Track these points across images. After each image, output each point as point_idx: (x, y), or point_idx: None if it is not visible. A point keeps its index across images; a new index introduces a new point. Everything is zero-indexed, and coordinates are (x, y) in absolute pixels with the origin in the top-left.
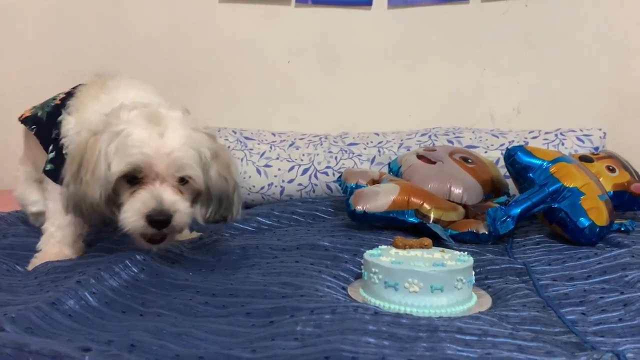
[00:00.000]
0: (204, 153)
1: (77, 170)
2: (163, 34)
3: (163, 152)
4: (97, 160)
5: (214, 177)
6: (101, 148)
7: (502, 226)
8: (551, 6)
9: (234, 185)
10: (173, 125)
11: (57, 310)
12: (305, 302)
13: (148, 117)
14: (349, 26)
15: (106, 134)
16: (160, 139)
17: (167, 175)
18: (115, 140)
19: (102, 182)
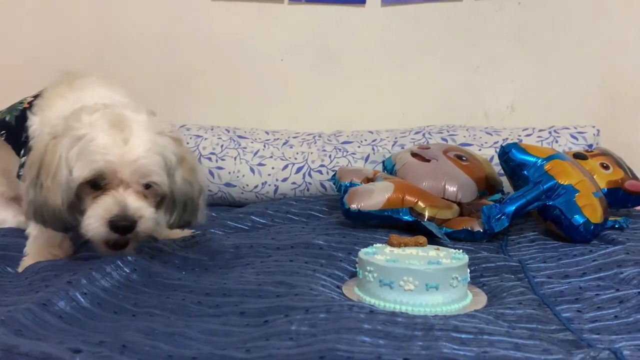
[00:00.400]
0: (170, 158)
1: (37, 175)
2: (156, 32)
3: (128, 159)
4: (58, 165)
5: (179, 182)
6: (62, 153)
7: (497, 224)
8: (544, 4)
9: (199, 189)
10: (138, 130)
11: (48, 312)
12: (300, 301)
13: (111, 121)
14: (342, 24)
15: (67, 139)
16: (125, 145)
17: (132, 182)
18: (77, 145)
19: (64, 188)
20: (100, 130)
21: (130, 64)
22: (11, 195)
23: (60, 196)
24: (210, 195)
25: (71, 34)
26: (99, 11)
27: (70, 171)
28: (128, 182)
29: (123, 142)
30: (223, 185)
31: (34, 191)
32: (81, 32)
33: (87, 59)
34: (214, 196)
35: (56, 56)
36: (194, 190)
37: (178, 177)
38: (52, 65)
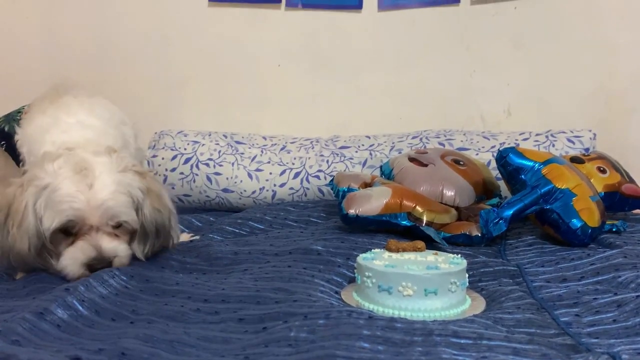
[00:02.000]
0: (136, 194)
1: (4, 222)
2: (152, 37)
3: (94, 205)
4: (24, 214)
5: (148, 213)
6: (28, 202)
7: (495, 228)
8: (540, 8)
9: (169, 213)
10: (101, 173)
11: (45, 320)
12: (299, 307)
13: (74, 168)
14: (339, 29)
15: (32, 188)
16: (90, 190)
17: (102, 225)
18: (43, 195)
19: (31, 235)
20: (64, 178)
21: (126, 68)
22: None
23: (27, 243)
24: (208, 201)
25: (68, 39)
26: (95, 16)
27: (40, 220)
28: (98, 225)
29: (88, 187)
30: (221, 191)
31: (1, 236)
32: (78, 38)
33: (83, 64)
34: (211, 202)
35: (53, 61)
36: (163, 216)
37: (147, 209)
38: (50, 70)
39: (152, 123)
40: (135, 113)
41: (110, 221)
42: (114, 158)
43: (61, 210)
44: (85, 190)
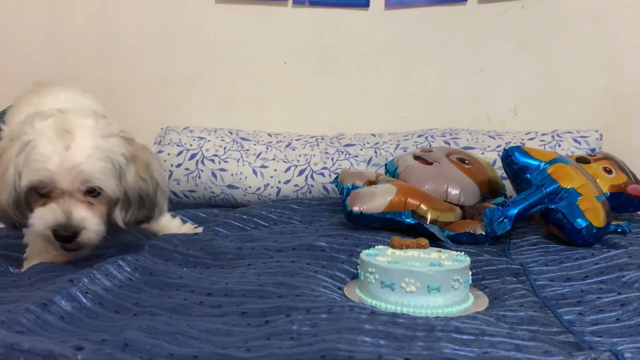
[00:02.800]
0: (117, 160)
1: None
2: (158, 34)
3: (66, 167)
4: (7, 167)
5: (132, 181)
6: (12, 155)
7: (500, 227)
8: (547, 8)
9: (155, 184)
10: (81, 136)
11: (49, 312)
12: (301, 302)
13: (57, 128)
14: (345, 27)
15: (18, 143)
16: (65, 153)
17: (73, 189)
18: (24, 151)
19: (10, 189)
20: (44, 137)
21: (133, 65)
22: None
23: (6, 196)
24: (213, 197)
25: (74, 36)
26: (102, 13)
27: (19, 175)
28: (70, 190)
29: (64, 149)
30: (226, 187)
31: None
32: (85, 35)
33: (90, 61)
34: (216, 198)
35: (59, 58)
36: (149, 186)
37: (130, 176)
38: (56, 67)
39: (159, 119)
40: (142, 109)
41: (82, 186)
42: (100, 122)
43: (34, 169)
44: (61, 151)
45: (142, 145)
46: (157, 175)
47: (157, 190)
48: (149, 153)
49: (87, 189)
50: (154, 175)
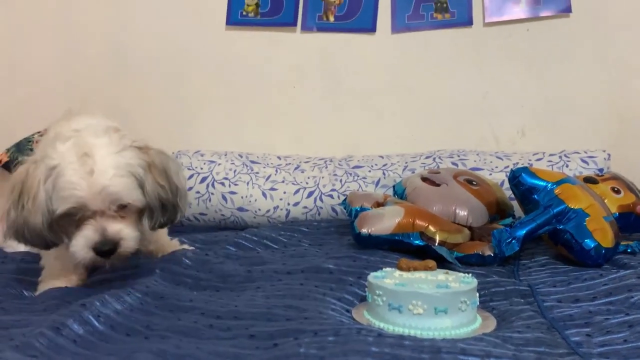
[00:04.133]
0: (137, 172)
1: (18, 198)
2: (170, 58)
3: (94, 192)
4: (37, 190)
5: (151, 190)
6: (40, 180)
7: (508, 248)
8: (552, 30)
9: (175, 188)
10: (101, 157)
11: (62, 336)
12: (309, 325)
13: (78, 152)
14: (353, 51)
15: (43, 166)
16: (91, 177)
17: (104, 209)
18: (51, 177)
19: (43, 211)
20: (68, 162)
21: (145, 89)
22: None
23: (40, 218)
24: (223, 220)
25: (87, 60)
26: (114, 37)
27: (50, 199)
28: (102, 210)
29: (89, 174)
30: (236, 209)
31: (15, 212)
32: (96, 58)
33: (102, 85)
34: (226, 220)
35: (71, 82)
36: (167, 191)
37: (149, 185)
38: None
39: (170, 143)
40: (154, 133)
41: (112, 205)
42: (113, 138)
43: (65, 197)
44: (86, 177)
45: (157, 150)
46: (175, 178)
47: (177, 193)
48: (166, 157)
49: (117, 206)
50: (172, 179)
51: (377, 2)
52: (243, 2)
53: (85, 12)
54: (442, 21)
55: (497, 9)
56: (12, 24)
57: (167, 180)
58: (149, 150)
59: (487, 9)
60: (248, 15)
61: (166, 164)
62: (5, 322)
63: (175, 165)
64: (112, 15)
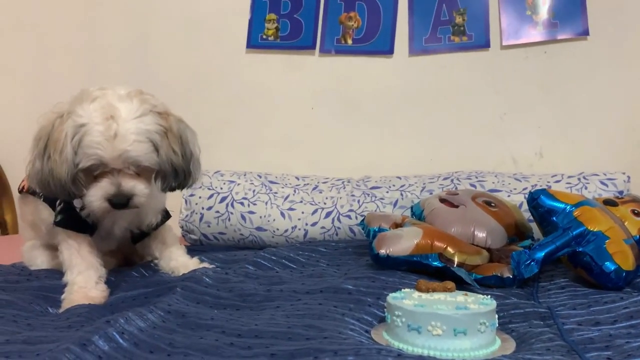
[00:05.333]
0: (154, 138)
1: (44, 149)
2: (191, 80)
3: (116, 154)
4: (64, 144)
5: (165, 155)
6: (67, 133)
7: (527, 270)
8: (569, 52)
9: (189, 155)
10: (124, 120)
11: (87, 352)
12: (329, 344)
13: (104, 113)
14: (371, 74)
15: (70, 122)
16: (114, 140)
17: (123, 168)
18: (79, 134)
19: (69, 164)
20: (94, 123)
21: None
22: (39, 243)
23: (65, 169)
24: (242, 239)
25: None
26: (135, 60)
27: (76, 153)
28: (120, 168)
29: (112, 136)
30: (254, 229)
31: (41, 163)
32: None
33: None
34: (245, 240)
35: None
36: (180, 157)
37: (163, 150)
38: None
39: None
40: None
41: (132, 166)
42: (135, 103)
43: (89, 154)
44: (110, 138)
45: (177, 117)
46: (191, 146)
47: (191, 161)
48: (185, 126)
49: (136, 168)
50: (186, 147)
51: (394, 25)
52: (263, 25)
53: (107, 32)
54: (460, 44)
55: (515, 31)
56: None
57: (182, 146)
58: (168, 116)
59: (504, 31)
60: (268, 38)
61: (183, 131)
62: (32, 338)
63: (192, 134)
64: (133, 37)
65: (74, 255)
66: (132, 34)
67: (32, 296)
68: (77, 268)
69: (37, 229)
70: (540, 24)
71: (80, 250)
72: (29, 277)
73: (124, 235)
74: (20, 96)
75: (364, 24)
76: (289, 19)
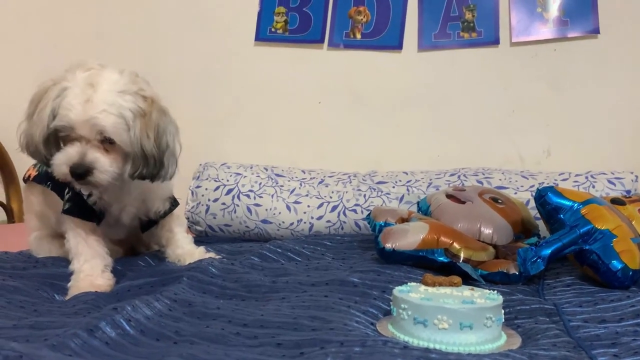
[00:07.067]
0: (126, 115)
1: (33, 111)
2: (200, 73)
3: (83, 118)
4: (45, 107)
5: (134, 136)
6: (50, 97)
7: (533, 267)
8: (579, 50)
9: (164, 145)
10: (102, 90)
11: (94, 337)
12: (335, 335)
13: (87, 80)
14: (379, 68)
15: (58, 86)
16: (86, 104)
17: (90, 137)
18: (60, 97)
19: (43, 127)
20: (75, 87)
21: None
22: (46, 232)
23: (40, 130)
24: (248, 231)
25: None
26: (144, 52)
27: (53, 115)
28: (87, 136)
29: (86, 102)
30: (260, 222)
31: (26, 123)
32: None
33: None
34: (250, 232)
35: None
36: (152, 144)
37: (133, 131)
38: None
39: (197, 155)
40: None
41: (98, 135)
42: (124, 79)
43: (61, 115)
44: (83, 103)
45: (161, 107)
46: (169, 138)
47: (165, 152)
48: (167, 117)
49: (102, 138)
50: (163, 137)
51: (404, 20)
52: (272, 18)
53: (115, 24)
54: (469, 40)
55: (524, 28)
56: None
57: (157, 134)
58: (152, 103)
59: (514, 28)
60: (277, 31)
61: (162, 120)
62: (39, 323)
63: (173, 127)
64: (142, 29)
65: (80, 244)
66: (140, 26)
67: (38, 283)
68: (83, 256)
69: (43, 219)
70: (551, 21)
71: (87, 239)
72: (36, 264)
73: (132, 224)
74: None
75: (373, 18)
76: (298, 12)
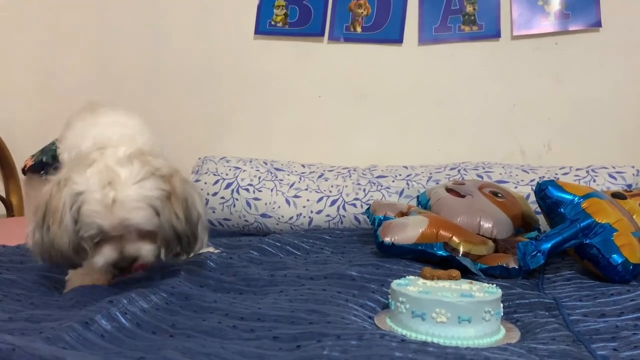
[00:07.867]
0: (155, 204)
1: (43, 219)
2: (199, 68)
3: (115, 222)
4: (63, 213)
5: (166, 221)
6: (66, 205)
7: (533, 261)
8: (580, 44)
9: (195, 218)
10: (122, 186)
11: (90, 330)
12: (332, 329)
13: (102, 179)
14: (379, 62)
15: (67, 190)
16: (112, 208)
17: (125, 234)
18: (77, 202)
19: (70, 234)
20: (92, 191)
21: (174, 97)
22: None
23: (66, 240)
24: (247, 226)
25: (119, 70)
26: (145, 48)
27: (75, 222)
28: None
29: (111, 204)
30: (259, 216)
31: (40, 233)
32: (128, 69)
33: (133, 93)
34: (250, 226)
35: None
36: (184, 222)
37: (164, 216)
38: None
39: (197, 149)
40: (182, 139)
41: (133, 232)
42: (136, 166)
43: (88, 223)
44: (108, 206)
45: (182, 178)
46: (198, 208)
47: (197, 224)
48: (190, 187)
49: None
50: (192, 210)
51: (404, 14)
52: (272, 12)
53: (117, 19)
54: (470, 33)
55: (526, 22)
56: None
57: (186, 210)
58: (171, 178)
59: (515, 22)
60: (276, 25)
61: (188, 194)
62: (35, 316)
63: (199, 195)
64: (145, 25)
65: None
66: (141, 21)
67: (36, 276)
68: None
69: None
70: (552, 14)
71: None
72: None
73: None
74: (30, 81)
75: (373, 11)
76: (297, 5)
